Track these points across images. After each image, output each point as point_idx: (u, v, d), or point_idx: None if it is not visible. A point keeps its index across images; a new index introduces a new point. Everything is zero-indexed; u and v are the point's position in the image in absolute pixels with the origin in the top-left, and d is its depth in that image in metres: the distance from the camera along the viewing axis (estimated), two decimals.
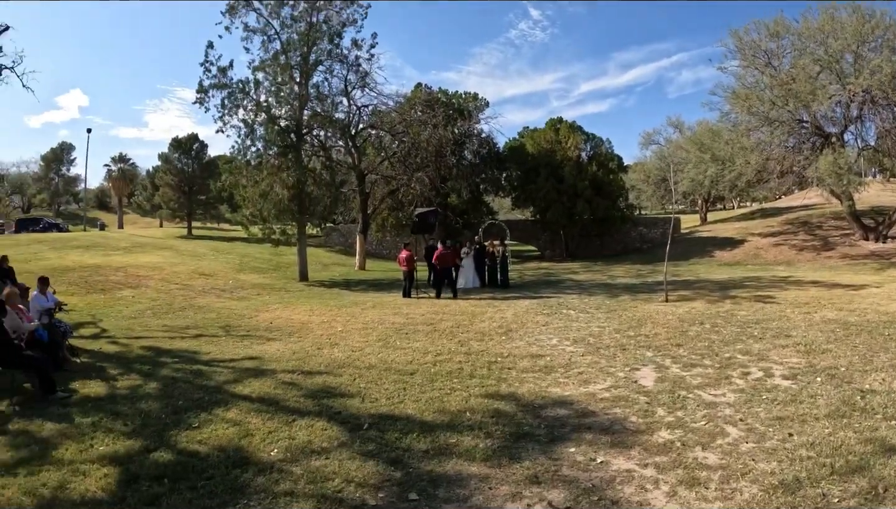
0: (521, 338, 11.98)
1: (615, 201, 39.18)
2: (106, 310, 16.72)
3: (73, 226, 61.34)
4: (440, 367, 9.59)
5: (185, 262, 27.78)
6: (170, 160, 58.53)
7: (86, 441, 6.68)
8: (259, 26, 26.01)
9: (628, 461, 5.76)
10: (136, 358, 11.09)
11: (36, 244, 29.32)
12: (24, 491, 5.47)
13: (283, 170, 26.01)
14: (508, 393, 8.08)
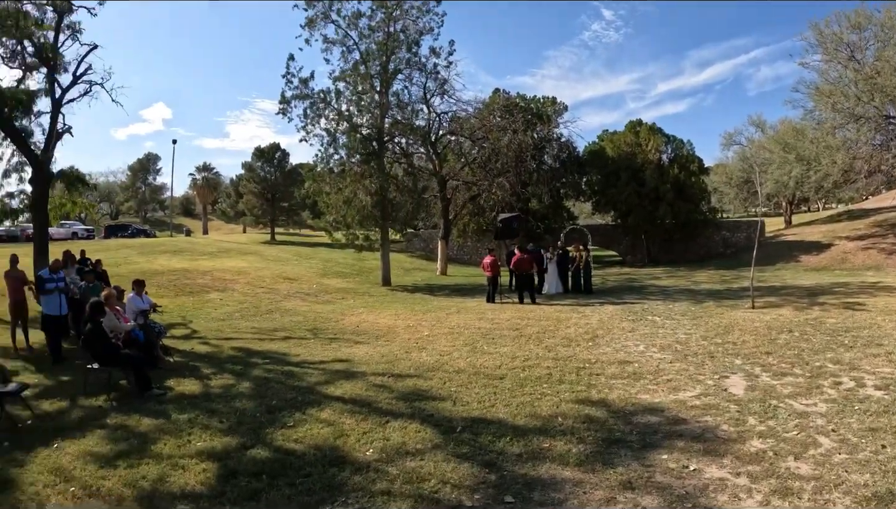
0: (607, 344, 11.94)
1: (697, 204, 37.96)
2: (195, 311, 17.68)
3: (160, 232, 65.06)
4: (529, 372, 9.65)
5: (270, 267, 28.85)
6: (253, 168, 61.07)
7: (183, 436, 7.02)
8: (338, 38, 27.11)
9: (721, 469, 5.73)
10: (228, 358, 11.64)
11: (125, 249, 31.26)
12: (125, 483, 5.78)
13: (366, 177, 26.89)
14: (599, 399, 8.08)
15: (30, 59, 18.54)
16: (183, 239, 50.36)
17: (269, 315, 17.58)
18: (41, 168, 17.92)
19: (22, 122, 18.33)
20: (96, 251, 20.50)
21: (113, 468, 6.14)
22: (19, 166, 19.04)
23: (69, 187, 19.68)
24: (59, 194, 19.89)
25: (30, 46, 18.07)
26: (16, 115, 17.81)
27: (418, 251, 42.47)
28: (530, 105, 39.65)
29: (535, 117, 38.31)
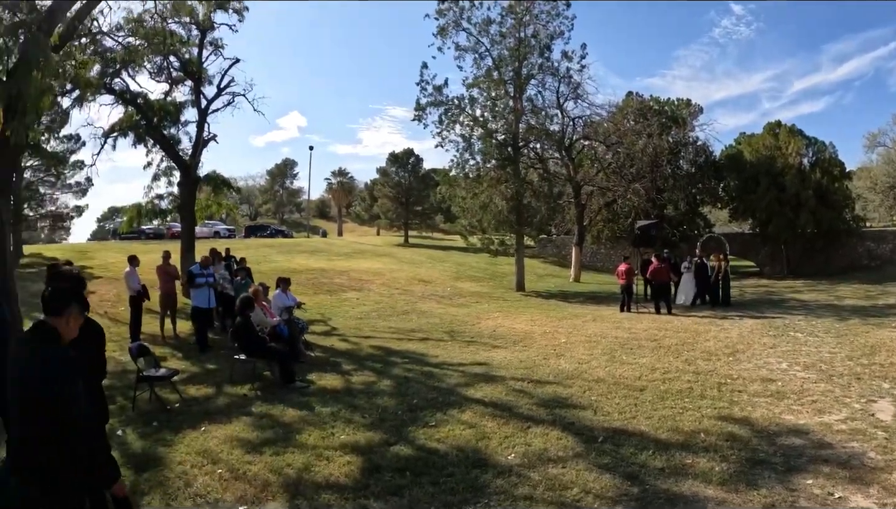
0: (748, 359, 11.34)
1: (840, 212, 35.05)
2: (333, 309, 18.54)
3: (297, 232, 68.38)
4: (669, 385, 9.34)
5: (404, 269, 29.63)
6: (387, 173, 63.28)
7: (327, 429, 7.31)
8: (470, 45, 27.66)
9: (867, 499, 5.33)
10: (368, 356, 12.09)
11: (265, 248, 33.34)
12: (271, 469, 6.08)
13: (502, 182, 27.19)
14: (742, 418, 7.69)
15: (176, 74, 20.47)
16: (319, 240, 52.77)
17: (406, 315, 18.07)
18: (189, 172, 19.66)
19: (170, 131, 20.25)
20: (238, 249, 21.92)
21: (259, 454, 6.48)
22: (168, 171, 20.94)
23: (215, 190, 21.43)
24: (204, 196, 21.57)
25: (175, 62, 19.91)
26: (164, 124, 19.66)
27: (551, 257, 42.13)
28: (664, 107, 38.55)
29: (670, 120, 37.24)
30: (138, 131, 19.66)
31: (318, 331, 14.71)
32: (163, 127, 19.89)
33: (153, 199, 21.43)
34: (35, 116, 9.04)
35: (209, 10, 16.80)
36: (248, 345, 9.87)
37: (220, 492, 5.58)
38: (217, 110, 21.21)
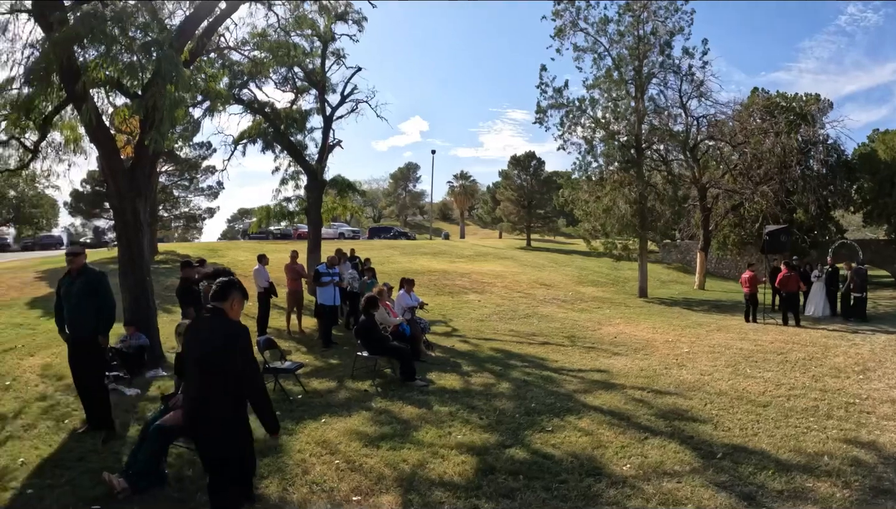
0: (879, 378, 10.53)
1: None
2: (454, 311, 18.88)
3: (419, 234, 69.85)
4: (794, 403, 8.86)
5: (526, 272, 29.58)
6: (509, 176, 63.37)
7: (444, 427, 7.48)
8: (588, 45, 27.12)
9: None
10: (487, 357, 12.21)
11: (388, 249, 34.37)
12: (387, 463, 6.31)
13: (625, 185, 26.58)
14: (868, 442, 7.17)
15: (300, 83, 21.71)
16: (441, 242, 53.53)
17: (527, 319, 18.08)
18: (315, 176, 20.67)
19: (297, 137, 21.42)
20: (362, 250, 22.70)
21: (376, 448, 6.74)
22: (295, 175, 22.20)
23: (340, 193, 22.38)
24: (330, 199, 22.54)
25: (300, 72, 21.07)
26: (291, 131, 20.79)
27: (675, 262, 40.75)
28: (791, 104, 35.72)
29: (798, 117, 34.40)
30: (266, 138, 20.97)
31: (439, 332, 15.02)
32: (290, 134, 21.06)
33: (281, 202, 22.81)
34: (170, 126, 9.73)
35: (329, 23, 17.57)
36: (371, 343, 10.26)
37: (336, 482, 5.84)
38: (341, 117, 22.26)
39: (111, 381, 9.34)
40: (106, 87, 10.95)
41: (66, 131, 12.70)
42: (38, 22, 10.41)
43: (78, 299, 6.98)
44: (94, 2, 9.95)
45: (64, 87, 10.47)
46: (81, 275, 7.08)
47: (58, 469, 6.18)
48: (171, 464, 6.05)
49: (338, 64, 21.81)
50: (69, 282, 7.11)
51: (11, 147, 12.72)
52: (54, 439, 6.98)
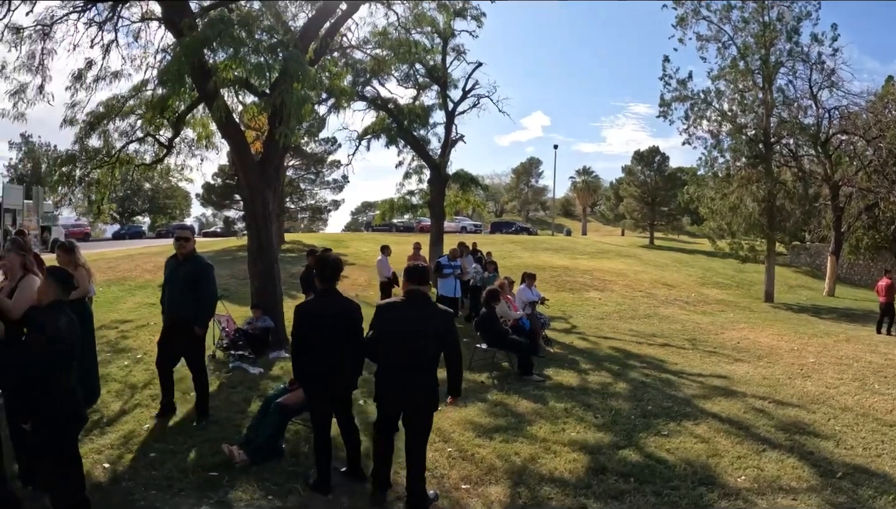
0: None
1: None
2: (575, 308, 18.78)
3: (541, 230, 69.45)
4: None
5: (648, 271, 28.86)
6: (633, 172, 61.88)
7: (558, 424, 7.48)
8: (711, 34, 25.84)
9: None
10: (605, 357, 12.10)
11: (510, 244, 34.53)
12: (498, 455, 6.39)
13: (753, 182, 25.15)
14: None
15: (422, 80, 22.14)
16: (563, 238, 53.18)
17: (647, 319, 17.76)
18: (439, 170, 21.14)
19: (420, 133, 21.89)
20: (484, 244, 22.89)
21: (489, 439, 6.83)
22: (419, 169, 22.79)
23: (463, 187, 22.67)
24: (453, 193, 22.91)
25: (421, 69, 21.47)
26: (414, 126, 21.25)
27: (804, 266, 38.35)
28: None
29: None
30: (390, 133, 21.55)
31: (559, 328, 14.97)
32: (413, 129, 21.53)
33: (405, 195, 23.42)
34: (297, 122, 10.20)
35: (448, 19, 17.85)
36: (491, 335, 10.38)
37: (447, 469, 5.99)
38: (463, 112, 22.52)
39: (236, 360, 9.99)
40: (235, 86, 11.56)
41: (198, 128, 13.61)
42: (168, 28, 11.25)
43: (181, 284, 7.11)
44: (220, 7, 10.63)
45: (196, 87, 11.23)
46: (189, 262, 7.21)
47: (180, 436, 6.66)
48: (287, 440, 6.37)
49: (458, 60, 22.08)
50: (175, 265, 7.27)
51: (147, 143, 13.61)
52: (180, 409, 7.46)
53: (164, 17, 11.12)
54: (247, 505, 5.14)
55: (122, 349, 10.44)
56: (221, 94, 10.88)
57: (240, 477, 5.58)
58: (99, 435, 6.63)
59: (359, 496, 5.40)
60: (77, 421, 4.75)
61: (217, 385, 8.86)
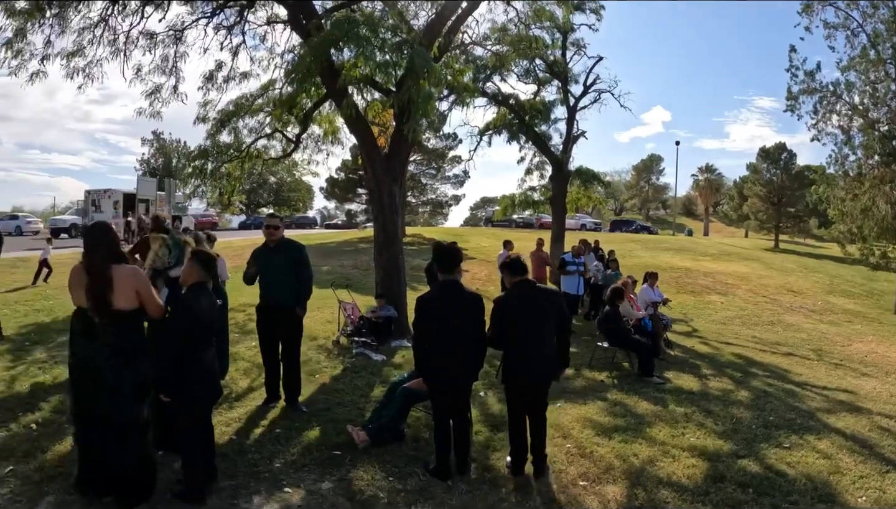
0: None
1: None
2: (696, 311, 18.29)
3: (661, 229, 67.78)
4: None
5: (773, 276, 27.54)
6: (758, 170, 58.79)
7: (678, 428, 7.36)
8: (839, 21, 23.73)
9: None
10: (727, 363, 11.74)
11: (630, 243, 33.96)
12: (616, 454, 6.37)
13: (886, 183, 23.00)
14: None
15: (542, 74, 22.05)
16: (684, 238, 51.65)
17: (771, 326, 17.05)
18: (560, 167, 21.06)
19: (541, 128, 21.80)
20: (604, 242, 22.45)
21: (608, 438, 6.82)
22: (540, 165, 22.91)
23: (585, 183, 22.52)
24: (575, 189, 22.70)
25: (541, 64, 21.36)
26: (535, 122, 21.21)
27: None
28: None
29: None
30: (511, 129, 21.61)
31: (679, 331, 14.65)
32: (534, 125, 21.51)
33: (526, 191, 23.60)
34: (424, 117, 10.46)
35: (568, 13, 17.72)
36: (613, 334, 10.34)
37: (565, 465, 6.03)
38: (584, 107, 22.34)
39: (359, 346, 10.41)
40: (360, 84, 11.97)
41: (324, 124, 14.26)
42: (294, 29, 11.87)
43: (279, 270, 7.28)
44: (345, 8, 11.05)
45: (324, 85, 11.76)
46: (281, 248, 7.41)
47: (304, 415, 7.04)
48: (409, 425, 6.58)
49: (578, 54, 21.93)
50: (267, 253, 7.43)
51: (275, 139, 14.46)
52: (305, 390, 7.76)
53: (290, 19, 11.76)
54: (367, 485, 5.37)
55: (249, 331, 10.99)
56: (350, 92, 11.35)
57: (361, 458, 5.84)
58: (227, 409, 7.11)
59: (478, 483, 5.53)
60: (213, 394, 5.22)
61: (341, 369, 9.31)
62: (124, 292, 4.64)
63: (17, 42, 10.97)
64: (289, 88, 12.45)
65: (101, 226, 5.10)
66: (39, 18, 10.85)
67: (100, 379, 4.57)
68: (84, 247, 4.79)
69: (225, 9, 12.74)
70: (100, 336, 4.56)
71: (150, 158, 74.81)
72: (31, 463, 5.49)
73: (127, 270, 4.75)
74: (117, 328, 4.61)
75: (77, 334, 4.72)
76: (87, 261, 4.66)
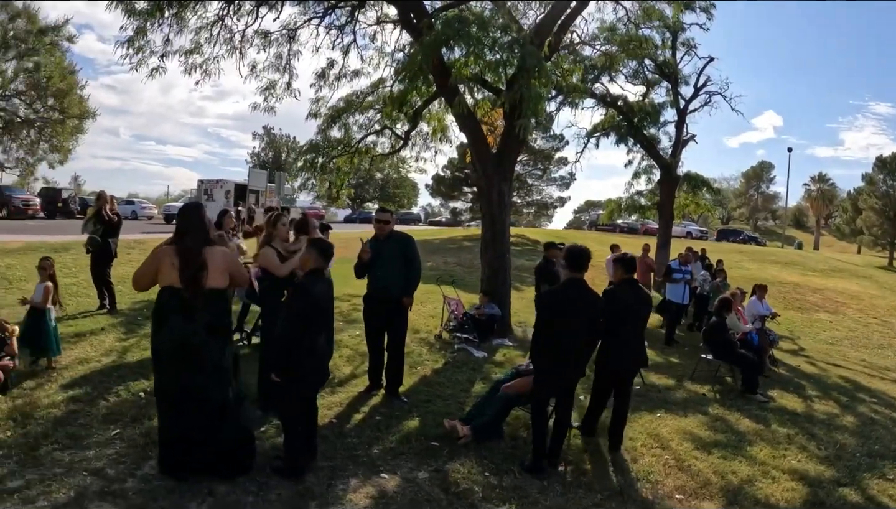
0: None
1: None
2: (803, 329, 17.59)
3: (769, 241, 65.09)
4: None
5: (886, 296, 26.00)
6: (874, 181, 54.83)
7: (779, 449, 7.13)
8: None
9: None
10: (833, 385, 11.30)
11: (736, 253, 33.03)
12: (715, 470, 6.23)
13: None
14: None
15: (651, 76, 21.49)
16: (793, 251, 49.41)
17: (881, 350, 16.33)
18: (669, 171, 20.57)
19: (650, 131, 21.36)
20: (711, 252, 21.82)
21: (707, 453, 6.68)
22: (648, 169, 22.36)
23: (693, 189, 21.95)
24: (683, 195, 22.20)
25: (650, 64, 20.84)
26: (644, 124, 20.75)
27: None
28: None
29: None
30: (620, 131, 21.33)
31: (785, 348, 14.17)
32: (643, 127, 21.14)
33: (633, 195, 23.25)
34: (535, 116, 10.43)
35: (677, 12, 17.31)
36: (718, 346, 10.03)
37: (662, 477, 5.97)
38: (694, 110, 21.82)
39: (461, 342, 10.56)
40: (470, 82, 12.17)
41: (433, 122, 14.44)
42: (405, 28, 12.09)
43: (389, 261, 7.41)
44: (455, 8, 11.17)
45: (434, 83, 11.94)
46: (391, 239, 7.54)
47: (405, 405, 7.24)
48: (508, 423, 6.64)
49: (689, 55, 21.35)
50: (377, 245, 7.56)
51: (384, 135, 14.75)
52: (407, 381, 7.92)
53: (401, 18, 11.99)
54: (463, 478, 5.47)
55: (353, 320, 11.37)
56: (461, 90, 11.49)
57: (459, 452, 5.95)
58: (330, 393, 7.37)
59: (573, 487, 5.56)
60: (321, 377, 5.53)
61: (443, 363, 9.48)
62: (217, 272, 4.82)
63: (138, 40, 11.47)
64: (399, 86, 12.73)
65: (195, 207, 5.30)
66: (158, 18, 11.33)
67: (200, 357, 4.75)
68: (177, 228, 5.00)
69: (336, 9, 13.09)
70: (196, 315, 4.72)
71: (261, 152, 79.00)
72: (138, 428, 5.89)
73: (219, 251, 4.95)
74: (213, 307, 4.80)
75: (170, 313, 4.78)
76: (181, 243, 4.84)
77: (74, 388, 6.84)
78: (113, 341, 8.93)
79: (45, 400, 6.45)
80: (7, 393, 6.51)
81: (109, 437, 5.65)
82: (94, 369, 7.59)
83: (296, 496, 4.86)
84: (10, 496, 4.50)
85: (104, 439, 5.61)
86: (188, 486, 4.79)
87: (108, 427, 5.88)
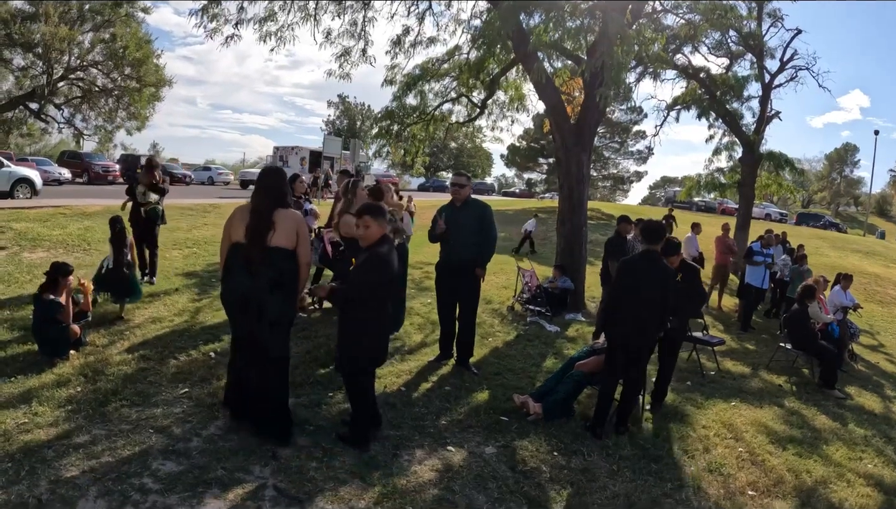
0: None
1: None
2: (884, 324, 16.88)
3: (850, 228, 62.67)
4: None
5: None
6: None
7: (856, 450, 6.90)
8: None
9: None
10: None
11: (816, 239, 31.76)
12: (788, 468, 6.08)
13: None
14: None
15: (735, 48, 20.90)
16: (875, 241, 47.51)
17: None
18: (752, 149, 19.84)
19: (733, 105, 20.60)
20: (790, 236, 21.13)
21: (781, 448, 6.52)
22: (730, 145, 21.60)
23: (777, 169, 21.18)
24: (765, 174, 21.43)
25: (734, 35, 20.18)
26: (727, 98, 20.04)
27: None
28: None
29: None
30: (702, 105, 20.72)
31: (864, 343, 13.64)
32: (725, 101, 20.48)
33: (713, 173, 22.66)
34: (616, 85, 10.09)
35: None
36: (798, 336, 9.77)
37: (734, 470, 5.86)
38: (779, 85, 21.00)
39: (534, 315, 10.57)
40: (549, 49, 11.97)
41: (510, 91, 14.32)
42: None
43: (464, 228, 7.27)
44: None
45: (514, 50, 11.78)
46: (467, 206, 7.42)
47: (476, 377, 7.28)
48: (579, 402, 6.67)
49: (775, 26, 20.54)
50: (452, 212, 7.44)
51: (460, 103, 14.73)
52: (477, 352, 7.95)
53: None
54: (531, 456, 5.48)
55: (425, 288, 11.45)
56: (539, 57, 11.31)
57: (528, 428, 5.98)
58: (399, 361, 7.47)
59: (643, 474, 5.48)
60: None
61: (514, 335, 9.50)
62: (285, 232, 4.89)
63: (212, 7, 11.66)
64: (476, 53, 12.62)
65: (275, 170, 5.46)
66: None
67: (262, 311, 4.85)
68: (255, 187, 5.13)
69: None
70: (260, 270, 4.81)
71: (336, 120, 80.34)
72: (206, 388, 6.07)
73: (290, 213, 5.03)
74: (277, 264, 4.86)
75: (236, 268, 4.92)
76: (256, 201, 4.96)
77: (145, 347, 7.09)
78: (186, 301, 9.21)
79: (116, 357, 6.71)
80: (80, 350, 6.79)
81: (177, 396, 5.84)
82: (165, 328, 7.85)
83: (360, 465, 4.91)
84: (76, 451, 4.66)
85: (172, 398, 5.79)
86: (252, 448, 4.92)
87: (177, 386, 6.07)
